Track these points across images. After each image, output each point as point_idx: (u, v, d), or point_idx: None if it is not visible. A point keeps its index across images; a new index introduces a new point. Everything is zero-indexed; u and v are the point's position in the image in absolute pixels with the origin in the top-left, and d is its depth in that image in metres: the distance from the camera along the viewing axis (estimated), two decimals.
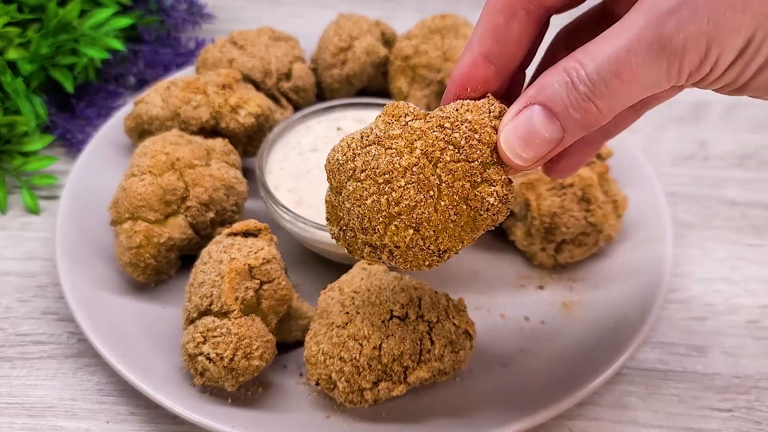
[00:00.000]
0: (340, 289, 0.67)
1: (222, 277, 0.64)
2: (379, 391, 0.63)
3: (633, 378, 0.73)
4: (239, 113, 0.85)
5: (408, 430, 0.64)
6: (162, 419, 0.68)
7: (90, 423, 0.68)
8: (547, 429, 0.68)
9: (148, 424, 0.68)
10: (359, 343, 0.62)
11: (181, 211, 0.76)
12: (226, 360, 0.63)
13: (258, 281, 0.65)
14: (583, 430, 0.69)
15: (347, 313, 0.63)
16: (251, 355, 0.64)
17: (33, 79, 0.95)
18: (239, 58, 0.94)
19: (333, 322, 0.63)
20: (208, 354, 0.63)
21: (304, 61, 1.00)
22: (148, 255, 0.74)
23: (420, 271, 0.52)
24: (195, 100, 0.85)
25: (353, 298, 0.65)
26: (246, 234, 0.69)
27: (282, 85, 0.96)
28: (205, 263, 0.67)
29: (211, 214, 0.77)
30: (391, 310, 0.63)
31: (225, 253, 0.66)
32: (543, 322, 0.76)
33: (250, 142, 0.88)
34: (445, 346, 0.64)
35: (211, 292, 0.64)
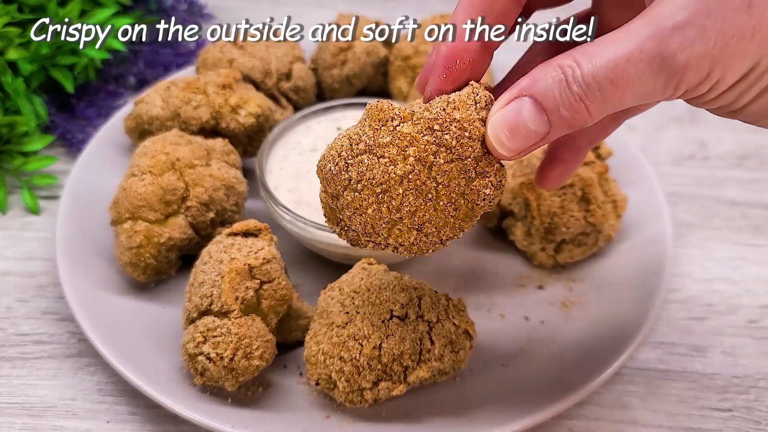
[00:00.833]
0: (340, 289, 0.67)
1: (222, 277, 0.64)
2: (379, 390, 0.63)
3: (633, 378, 0.73)
4: (239, 113, 0.85)
5: (408, 430, 0.64)
6: (162, 419, 0.68)
7: (90, 423, 0.68)
8: (546, 429, 0.68)
9: (149, 423, 0.68)
10: (359, 343, 0.62)
11: (182, 211, 0.76)
12: (226, 360, 0.63)
13: (258, 281, 0.66)
14: (583, 430, 0.69)
15: (347, 312, 0.64)
16: (251, 354, 0.64)
17: (33, 79, 0.95)
18: (239, 58, 0.94)
19: (333, 322, 0.64)
20: (209, 354, 0.63)
21: (304, 62, 1.00)
22: (148, 255, 0.74)
23: (423, 255, 0.54)
24: (195, 100, 0.85)
25: (353, 298, 0.65)
26: (246, 234, 0.69)
27: (282, 85, 0.96)
28: (206, 263, 0.67)
29: (211, 214, 0.77)
30: (391, 310, 0.63)
31: (225, 253, 0.66)
32: (543, 322, 0.76)
33: (250, 142, 0.88)
34: (445, 346, 0.64)
35: (212, 292, 0.65)
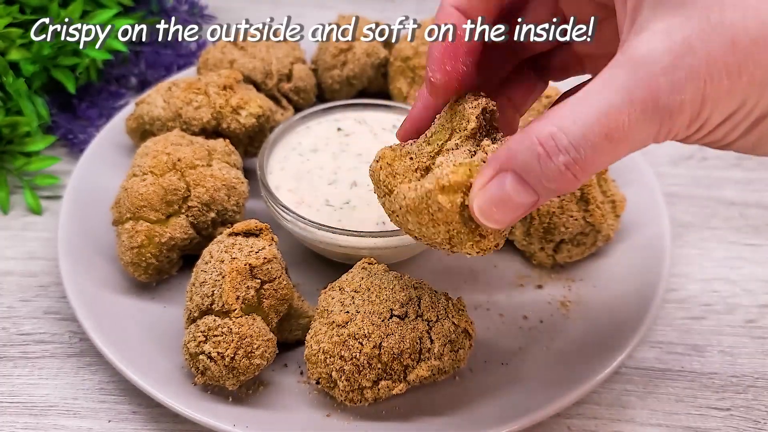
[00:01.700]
0: (340, 289, 0.67)
1: (223, 277, 0.65)
2: (379, 389, 0.63)
3: (631, 377, 0.74)
4: (240, 114, 0.85)
5: (408, 429, 0.65)
6: (163, 418, 0.69)
7: (92, 422, 0.68)
8: (545, 428, 0.68)
9: (150, 422, 0.68)
10: (359, 342, 0.62)
11: (183, 211, 0.76)
12: (227, 359, 0.63)
13: (259, 281, 0.66)
14: (582, 429, 0.69)
15: (347, 312, 0.64)
16: (252, 354, 0.64)
17: (35, 80, 0.96)
18: (240, 59, 0.94)
19: (333, 321, 0.64)
20: (210, 353, 0.64)
21: (304, 62, 1.01)
22: (149, 254, 0.74)
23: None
24: (196, 101, 0.85)
25: (353, 297, 0.65)
26: (247, 234, 0.70)
27: (283, 86, 0.96)
28: (207, 263, 0.67)
29: (212, 214, 0.77)
30: (391, 309, 0.64)
31: (226, 252, 0.67)
32: (542, 321, 0.76)
33: (251, 143, 0.89)
34: (445, 345, 0.64)
35: (213, 292, 0.65)
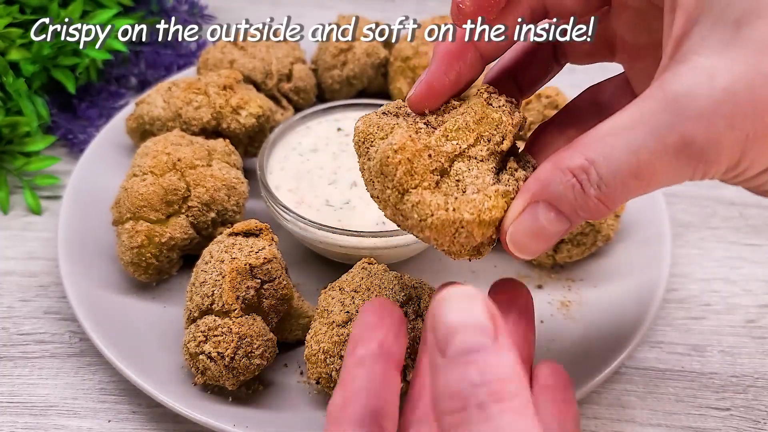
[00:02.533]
0: (340, 289, 0.67)
1: (223, 277, 0.65)
2: None
3: (631, 377, 0.74)
4: (240, 114, 0.85)
5: None
6: (163, 418, 0.69)
7: (92, 422, 0.68)
8: None
9: (150, 422, 0.68)
10: None
11: (183, 211, 0.76)
12: (227, 359, 0.63)
13: (259, 281, 0.66)
14: (582, 429, 0.69)
15: (347, 312, 0.64)
16: (252, 354, 0.64)
17: (35, 80, 0.96)
18: (240, 59, 0.94)
19: (333, 321, 0.64)
20: (209, 353, 0.64)
21: (304, 62, 1.01)
22: (149, 254, 0.74)
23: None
24: (196, 101, 0.85)
25: (353, 297, 0.65)
26: (247, 234, 0.70)
27: (283, 86, 0.96)
28: (207, 263, 0.67)
29: (213, 214, 0.77)
30: None
31: (226, 252, 0.67)
32: (542, 322, 0.76)
33: (251, 143, 0.89)
34: None
35: (213, 292, 0.65)
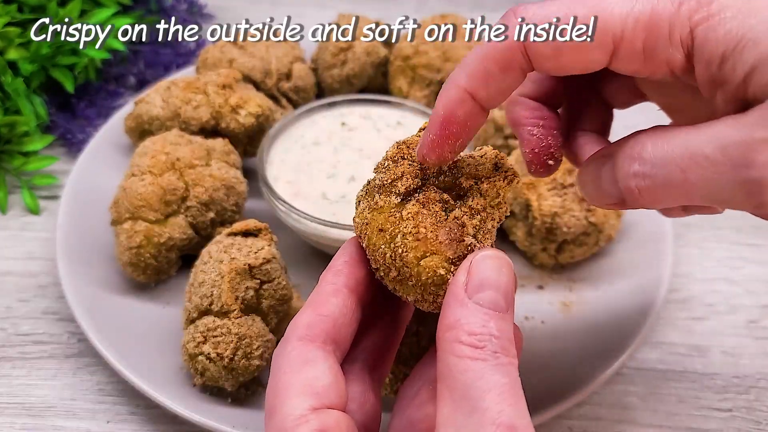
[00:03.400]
0: None
1: (222, 277, 0.64)
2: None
3: (633, 378, 0.73)
4: (239, 113, 0.85)
5: None
6: (162, 419, 0.68)
7: (90, 423, 0.68)
8: (546, 429, 0.68)
9: (148, 424, 0.68)
10: None
11: (182, 211, 0.76)
12: (226, 360, 0.63)
13: (258, 281, 0.66)
14: (583, 430, 0.69)
15: None
16: (251, 354, 0.64)
17: (33, 79, 0.95)
18: (239, 58, 0.94)
19: None
20: (209, 354, 0.63)
21: (304, 61, 1.00)
22: (148, 255, 0.74)
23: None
24: (195, 100, 0.85)
25: None
26: (246, 234, 0.69)
27: (282, 85, 0.96)
28: (205, 263, 0.67)
29: (211, 214, 0.77)
30: None
31: (225, 252, 0.66)
32: (543, 322, 0.76)
33: (251, 143, 0.88)
34: None
35: (212, 292, 0.65)
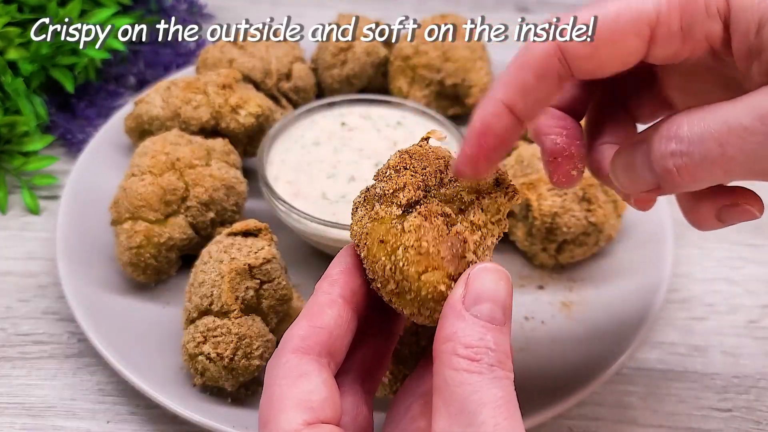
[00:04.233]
0: None
1: (222, 277, 0.64)
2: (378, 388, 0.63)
3: (633, 378, 0.73)
4: (239, 113, 0.85)
5: None
6: (162, 419, 0.68)
7: (90, 423, 0.68)
8: (547, 429, 0.68)
9: (149, 424, 0.68)
10: None
11: (182, 211, 0.76)
12: (226, 360, 0.63)
13: (258, 281, 0.66)
14: (583, 430, 0.69)
15: None
16: (251, 354, 0.64)
17: (33, 79, 0.95)
18: (239, 58, 0.94)
19: None
20: (209, 354, 0.63)
21: (304, 62, 1.00)
22: (148, 255, 0.74)
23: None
24: (195, 100, 0.85)
25: None
26: (246, 234, 0.69)
27: (282, 85, 0.96)
28: (205, 263, 0.67)
29: (212, 214, 0.77)
30: None
31: (225, 252, 0.66)
32: (543, 322, 0.76)
33: (251, 143, 0.88)
34: None
35: (212, 292, 0.65)
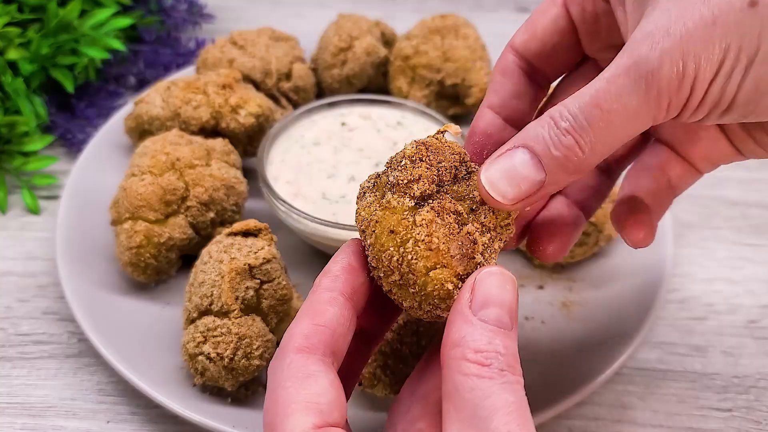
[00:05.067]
0: None
1: (222, 277, 0.64)
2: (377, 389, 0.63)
3: (632, 378, 0.73)
4: (239, 113, 0.85)
5: None
6: (162, 419, 0.68)
7: (90, 423, 0.68)
8: (546, 429, 0.68)
9: (149, 423, 0.68)
10: None
11: (182, 211, 0.76)
12: (226, 359, 0.63)
13: (258, 281, 0.66)
14: (583, 430, 0.69)
15: None
16: (251, 354, 0.64)
17: (33, 79, 0.95)
18: (239, 58, 0.94)
19: None
20: (209, 354, 0.63)
21: (304, 62, 1.00)
22: (148, 255, 0.74)
23: None
24: (195, 100, 0.85)
25: None
26: (246, 234, 0.69)
27: (282, 85, 0.96)
28: (205, 263, 0.67)
29: (211, 214, 0.77)
30: None
31: (225, 252, 0.66)
32: (543, 322, 0.76)
33: (250, 143, 0.88)
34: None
35: (212, 292, 0.65)
